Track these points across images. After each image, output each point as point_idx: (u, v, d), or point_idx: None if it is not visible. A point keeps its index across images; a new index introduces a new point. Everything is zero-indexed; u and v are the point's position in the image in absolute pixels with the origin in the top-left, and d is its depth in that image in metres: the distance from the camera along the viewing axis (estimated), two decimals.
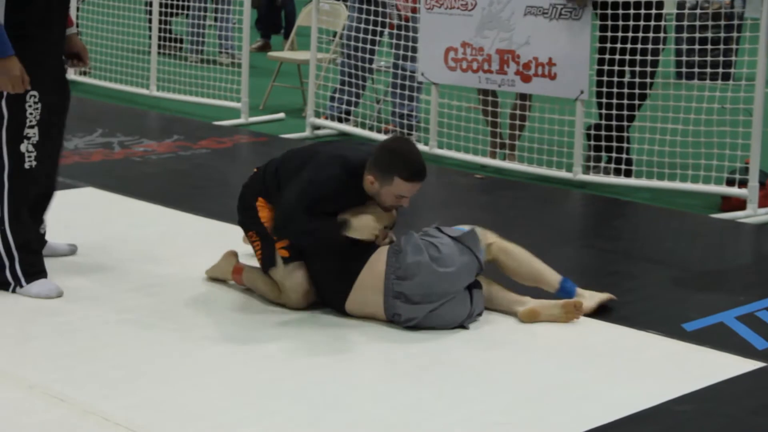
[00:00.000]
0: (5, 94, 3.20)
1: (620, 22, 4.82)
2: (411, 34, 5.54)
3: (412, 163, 3.12)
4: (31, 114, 3.34)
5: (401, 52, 5.73)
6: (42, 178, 3.48)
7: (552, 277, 3.18)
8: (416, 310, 2.96)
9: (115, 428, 2.31)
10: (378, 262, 3.01)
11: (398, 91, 5.83)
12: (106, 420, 2.34)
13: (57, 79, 3.47)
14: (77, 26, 4.66)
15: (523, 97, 5.33)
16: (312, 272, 3.16)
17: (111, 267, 3.57)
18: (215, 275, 3.41)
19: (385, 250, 3.04)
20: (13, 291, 3.31)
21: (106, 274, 3.47)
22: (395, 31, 5.78)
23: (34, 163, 3.37)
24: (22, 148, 3.34)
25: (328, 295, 3.16)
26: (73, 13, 5.79)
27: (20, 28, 3.27)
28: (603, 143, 5.01)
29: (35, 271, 3.32)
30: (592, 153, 5.12)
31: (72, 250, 3.75)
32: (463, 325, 3.03)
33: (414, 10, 5.63)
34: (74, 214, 4.13)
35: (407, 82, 5.73)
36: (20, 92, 3.18)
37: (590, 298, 3.17)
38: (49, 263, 3.34)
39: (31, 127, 3.36)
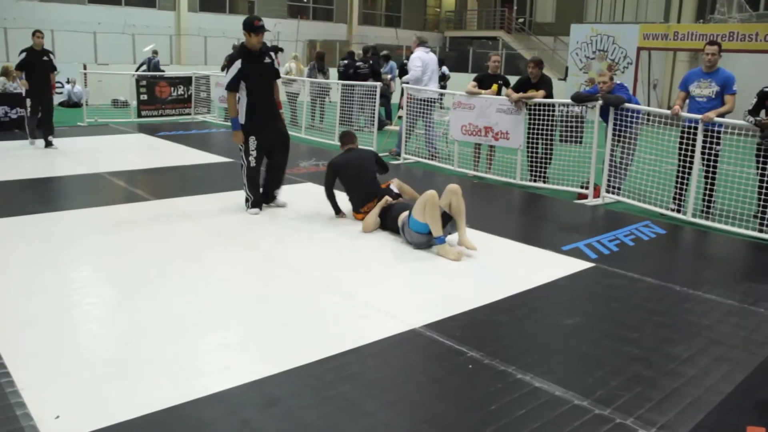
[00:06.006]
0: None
1: None
2: None
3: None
4: (251, 145, 7.91)
5: None
6: (259, 170, 7.95)
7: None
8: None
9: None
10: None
11: None
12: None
13: (270, 130, 7.98)
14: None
15: None
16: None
17: None
18: None
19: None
20: (249, 209, 8.06)
21: None
22: None
23: (254, 164, 7.95)
24: (250, 158, 7.96)
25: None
26: None
27: (249, 111, 7.74)
28: None
29: (255, 204, 8.05)
30: None
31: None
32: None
33: None
34: None
35: None
36: (241, 143, 7.91)
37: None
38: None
39: (253, 151, 7.90)
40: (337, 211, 7.98)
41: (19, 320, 4.84)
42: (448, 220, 6.71)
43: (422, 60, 12.41)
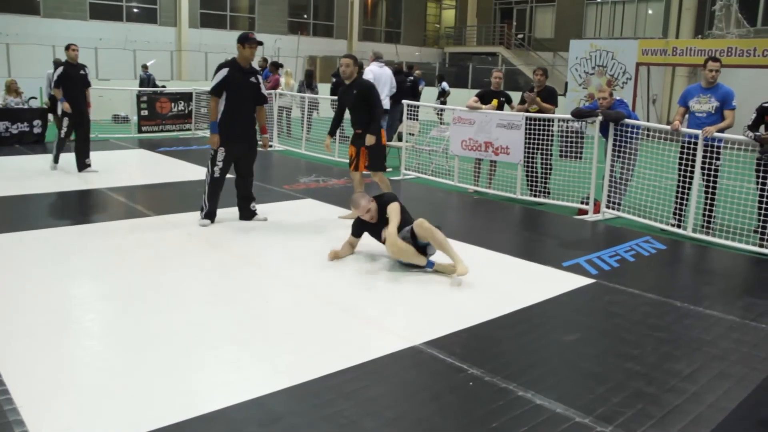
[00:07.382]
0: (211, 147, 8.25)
1: None
2: None
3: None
4: (219, 156, 8.19)
5: None
6: (223, 181, 8.23)
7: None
8: None
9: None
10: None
11: None
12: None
13: (241, 146, 8.24)
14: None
15: None
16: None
17: None
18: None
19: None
20: (201, 219, 8.23)
21: None
22: None
23: (218, 174, 8.21)
24: (215, 169, 8.22)
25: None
26: None
27: (224, 120, 8.06)
28: None
29: (208, 215, 8.24)
30: None
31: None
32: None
33: None
34: None
35: None
36: (215, 148, 8.13)
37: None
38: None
39: (219, 161, 8.19)
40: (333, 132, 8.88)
41: (18, 336, 4.84)
42: (424, 245, 6.69)
43: (374, 73, 13.45)
